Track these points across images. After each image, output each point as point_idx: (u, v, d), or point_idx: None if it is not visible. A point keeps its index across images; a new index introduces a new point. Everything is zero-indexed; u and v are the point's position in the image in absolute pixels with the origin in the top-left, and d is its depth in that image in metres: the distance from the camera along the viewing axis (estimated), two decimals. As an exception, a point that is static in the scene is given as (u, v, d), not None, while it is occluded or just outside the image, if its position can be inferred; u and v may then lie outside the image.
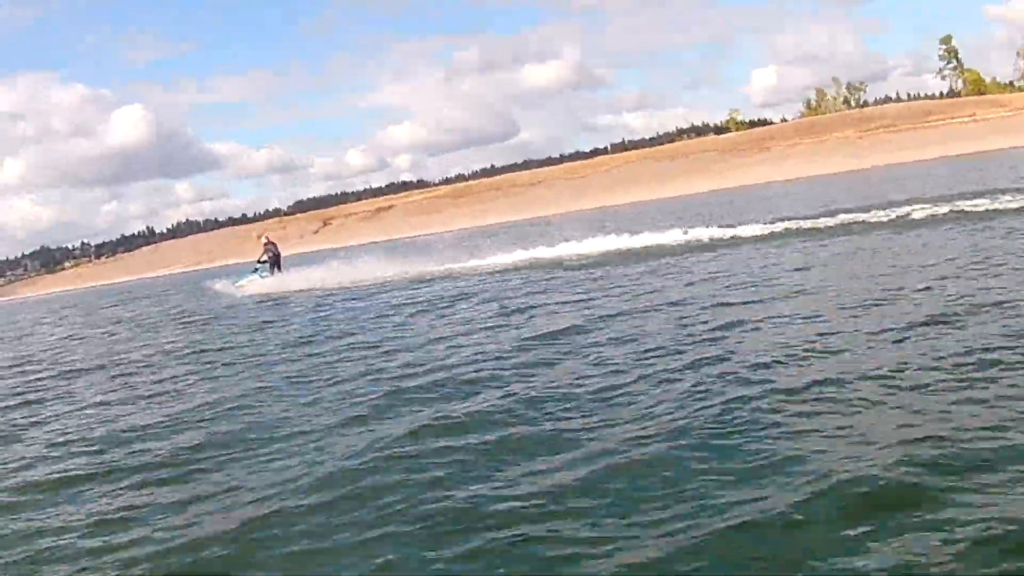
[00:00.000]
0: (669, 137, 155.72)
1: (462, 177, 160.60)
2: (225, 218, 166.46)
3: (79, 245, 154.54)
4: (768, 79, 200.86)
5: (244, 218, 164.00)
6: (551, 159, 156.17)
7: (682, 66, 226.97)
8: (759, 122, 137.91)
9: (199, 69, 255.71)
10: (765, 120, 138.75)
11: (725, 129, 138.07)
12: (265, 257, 25.11)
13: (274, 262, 25.06)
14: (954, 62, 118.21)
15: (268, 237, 26.44)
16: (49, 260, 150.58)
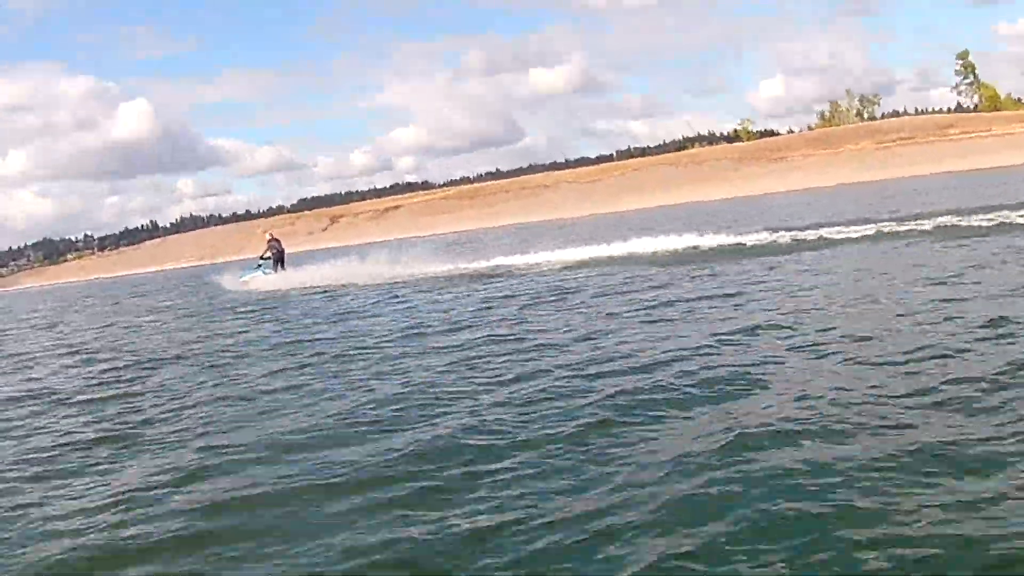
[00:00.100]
0: (676, 144, 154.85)
1: (466, 180, 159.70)
2: (228, 214, 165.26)
3: (82, 238, 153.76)
4: (775, 89, 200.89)
5: (247, 215, 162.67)
6: (555, 164, 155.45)
7: (688, 74, 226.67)
8: (767, 132, 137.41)
9: (205, 66, 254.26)
10: (772, 131, 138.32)
11: (736, 138, 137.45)
12: (268, 254, 24.75)
13: (277, 259, 24.71)
14: (971, 77, 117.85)
15: (272, 234, 26.13)
16: (52, 252, 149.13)
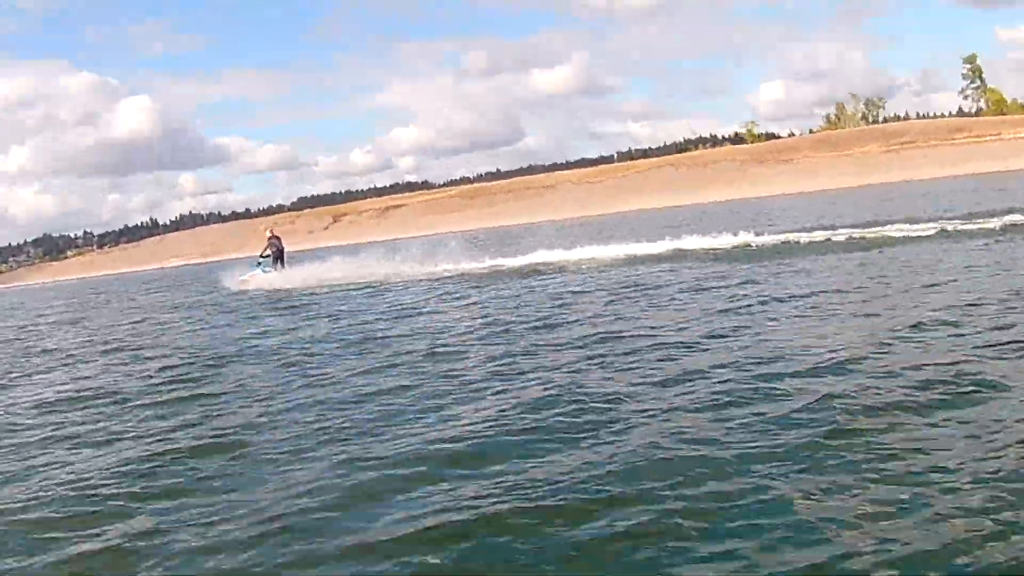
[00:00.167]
0: (677, 147, 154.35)
1: (467, 180, 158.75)
2: (228, 212, 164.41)
3: (82, 234, 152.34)
4: (775, 93, 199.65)
5: (248, 213, 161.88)
6: (556, 165, 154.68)
7: (688, 76, 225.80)
8: (768, 135, 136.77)
9: (208, 64, 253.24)
10: (773, 134, 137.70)
11: (740, 140, 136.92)
12: (268, 252, 24.57)
13: (277, 257, 24.51)
14: (977, 81, 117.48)
15: (272, 231, 25.82)
16: (52, 248, 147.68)
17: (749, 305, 9.49)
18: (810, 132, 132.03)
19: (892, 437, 4.32)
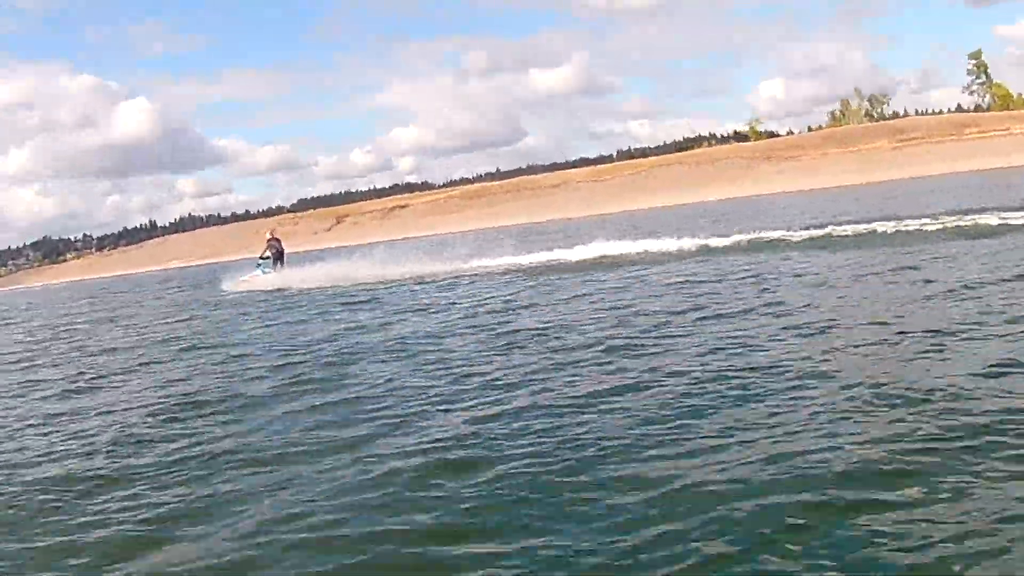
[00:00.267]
0: (677, 145, 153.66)
1: (467, 180, 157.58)
2: (228, 214, 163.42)
3: (81, 237, 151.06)
4: (774, 92, 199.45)
5: (247, 214, 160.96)
6: (556, 164, 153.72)
7: (689, 77, 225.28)
8: (769, 134, 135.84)
9: (207, 65, 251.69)
10: (773, 132, 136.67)
11: (744, 137, 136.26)
12: (268, 253, 24.88)
13: (277, 258, 24.85)
14: (983, 77, 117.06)
15: (272, 233, 26.10)
16: (51, 251, 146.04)
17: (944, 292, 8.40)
18: (809, 129, 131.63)
19: None
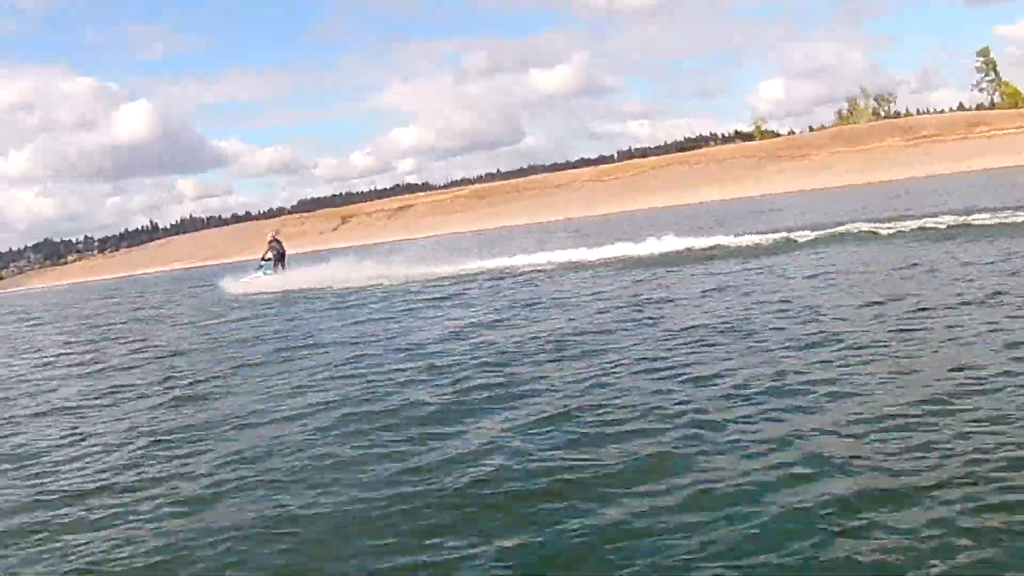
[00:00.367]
0: (678, 145, 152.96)
1: (467, 181, 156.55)
2: (229, 215, 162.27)
3: (82, 238, 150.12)
4: (774, 92, 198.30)
5: (248, 215, 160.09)
6: (556, 165, 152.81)
7: (689, 77, 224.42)
8: (771, 134, 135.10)
9: (207, 67, 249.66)
10: (774, 132, 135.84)
11: (748, 137, 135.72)
12: (270, 255, 25.32)
13: (278, 259, 25.28)
14: (991, 74, 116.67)
15: (273, 235, 26.55)
16: (52, 252, 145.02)
17: None
18: (811, 129, 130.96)
19: None
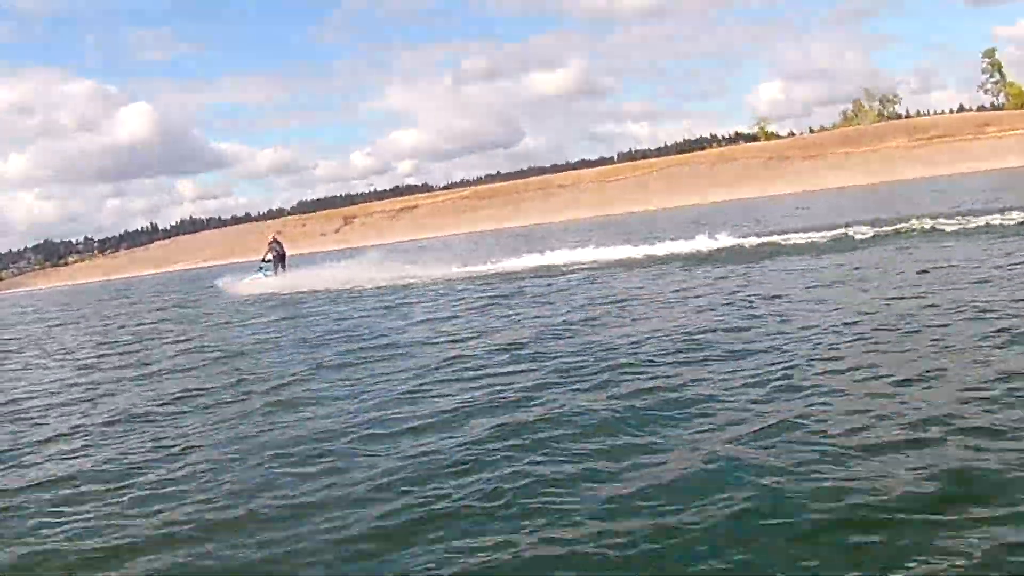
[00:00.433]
0: (678, 147, 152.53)
1: (466, 183, 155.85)
2: (229, 217, 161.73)
3: (82, 240, 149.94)
4: (773, 93, 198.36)
5: (248, 217, 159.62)
6: (556, 166, 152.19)
7: (688, 78, 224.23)
8: (773, 135, 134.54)
9: (208, 69, 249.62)
10: (774, 133, 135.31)
11: (751, 138, 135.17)
12: (270, 256, 25.46)
13: (278, 261, 25.42)
14: (997, 75, 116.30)
15: (274, 236, 26.66)
16: (52, 254, 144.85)
17: None
18: (811, 131, 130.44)
19: None
